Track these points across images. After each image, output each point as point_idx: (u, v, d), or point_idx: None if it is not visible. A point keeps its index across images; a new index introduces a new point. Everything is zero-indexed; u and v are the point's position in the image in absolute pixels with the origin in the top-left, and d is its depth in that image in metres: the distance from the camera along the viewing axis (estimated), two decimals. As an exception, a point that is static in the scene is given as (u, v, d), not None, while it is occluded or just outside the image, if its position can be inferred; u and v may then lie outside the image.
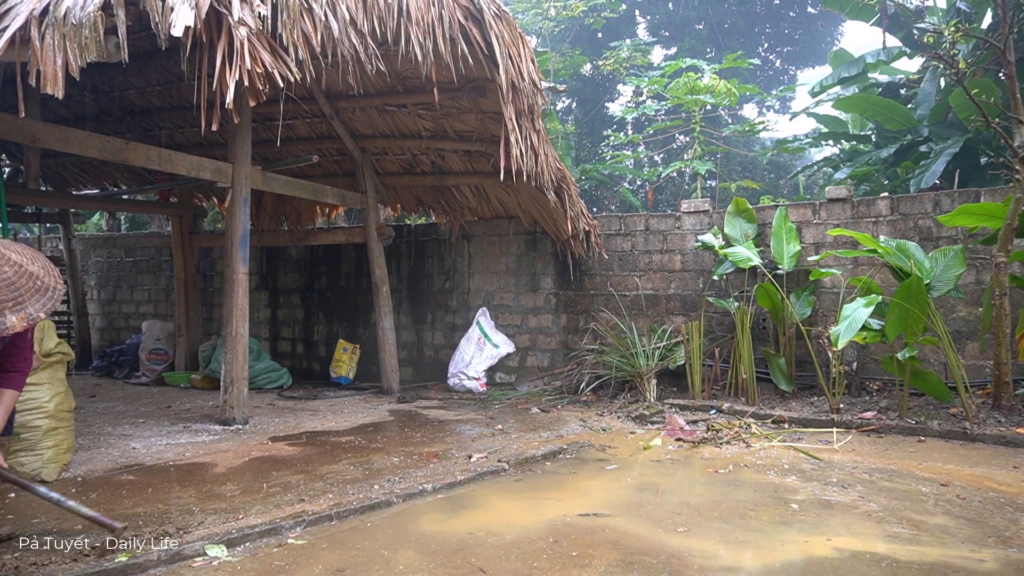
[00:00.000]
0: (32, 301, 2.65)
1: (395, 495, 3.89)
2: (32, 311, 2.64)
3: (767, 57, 17.93)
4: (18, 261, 2.68)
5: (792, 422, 5.89)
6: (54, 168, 9.30)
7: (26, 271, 2.67)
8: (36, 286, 2.69)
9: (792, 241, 6.78)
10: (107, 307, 11.05)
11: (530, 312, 8.21)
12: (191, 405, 6.96)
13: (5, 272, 2.60)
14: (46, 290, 2.73)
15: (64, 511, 3.00)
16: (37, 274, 2.72)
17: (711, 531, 3.45)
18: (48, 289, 2.74)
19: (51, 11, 3.43)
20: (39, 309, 2.66)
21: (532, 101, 6.11)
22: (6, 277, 2.59)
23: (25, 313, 2.61)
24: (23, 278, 2.65)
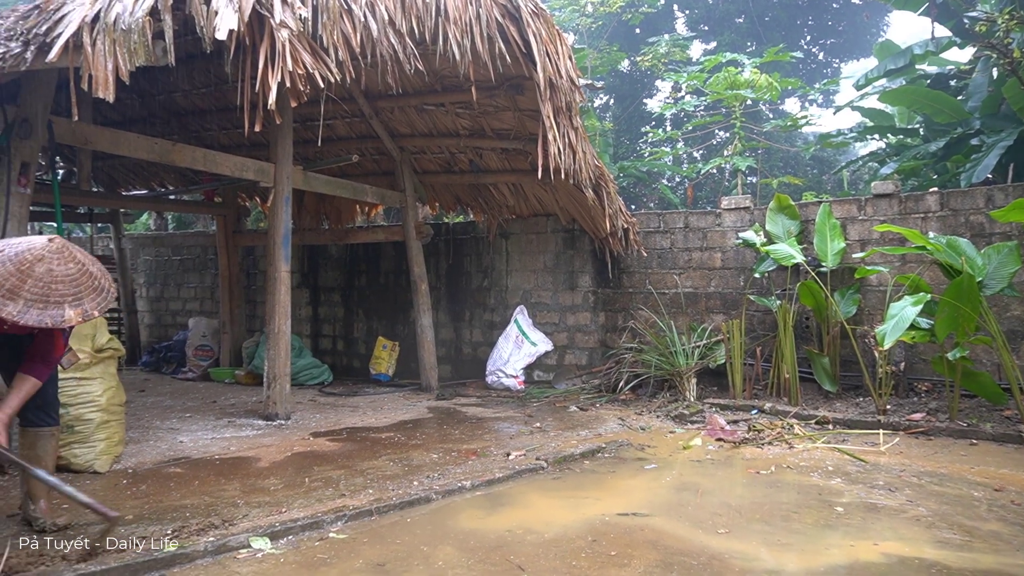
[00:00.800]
0: (89, 299, 2.79)
1: (434, 491, 3.92)
2: (88, 307, 2.76)
3: (810, 50, 17.54)
4: (82, 260, 2.84)
5: (836, 423, 5.76)
6: (105, 170, 9.60)
7: (87, 270, 2.83)
8: (94, 285, 2.83)
9: (836, 238, 6.63)
10: (155, 304, 11.37)
11: (568, 310, 8.19)
12: (235, 400, 7.11)
13: (70, 269, 2.76)
14: (102, 290, 2.87)
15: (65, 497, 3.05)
16: (95, 274, 2.86)
17: (753, 533, 3.39)
18: (104, 290, 2.88)
19: (102, 17, 3.54)
20: (94, 307, 2.79)
21: (570, 98, 6.08)
22: (70, 274, 2.75)
23: (82, 308, 2.74)
24: (84, 276, 2.80)
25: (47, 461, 3.30)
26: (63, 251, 2.78)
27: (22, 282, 2.63)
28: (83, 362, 4.28)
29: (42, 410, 3.27)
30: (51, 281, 2.69)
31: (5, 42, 3.54)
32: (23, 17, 3.75)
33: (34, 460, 3.25)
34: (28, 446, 3.27)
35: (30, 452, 3.26)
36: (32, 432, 3.28)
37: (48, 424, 3.31)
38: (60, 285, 2.71)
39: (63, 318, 2.69)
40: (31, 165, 4.38)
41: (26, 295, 2.64)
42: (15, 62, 3.45)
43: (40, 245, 2.75)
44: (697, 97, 12.36)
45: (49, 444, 3.33)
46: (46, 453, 3.31)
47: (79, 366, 4.25)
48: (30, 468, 3.00)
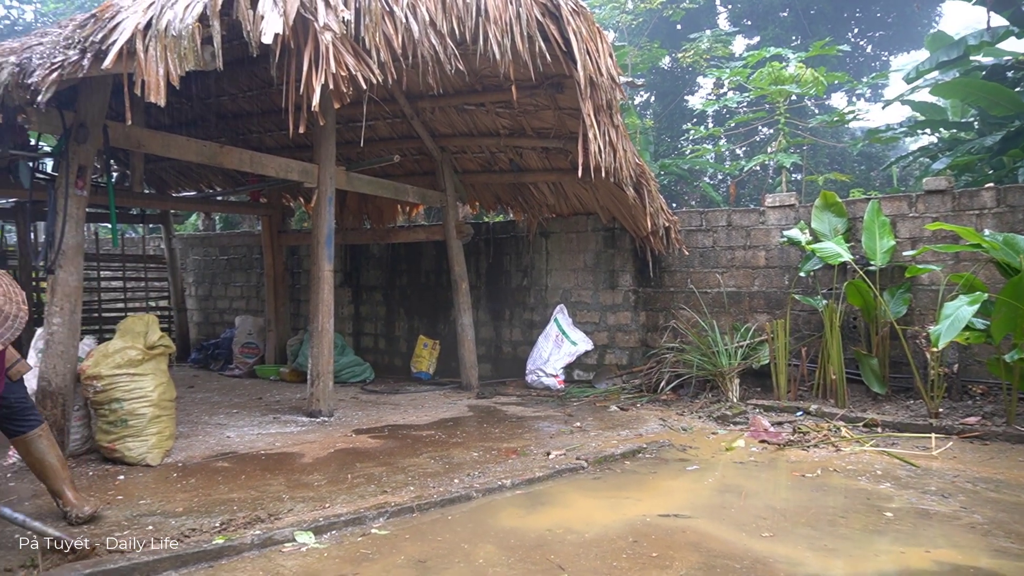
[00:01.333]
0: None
1: (474, 489, 3.94)
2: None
3: (857, 43, 17.07)
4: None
5: (886, 426, 5.61)
6: (156, 172, 9.88)
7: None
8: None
9: (886, 236, 6.45)
10: (203, 303, 11.67)
11: (608, 309, 8.14)
12: (280, 397, 7.26)
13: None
14: (5, 319, 2.71)
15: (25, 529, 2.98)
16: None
17: (798, 537, 3.32)
18: (8, 318, 2.72)
19: (154, 24, 3.64)
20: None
21: (610, 96, 6.04)
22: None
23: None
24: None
25: (49, 458, 3.34)
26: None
27: None
28: (136, 358, 4.43)
29: (14, 420, 3.27)
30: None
31: (64, 50, 3.67)
32: (80, 26, 3.88)
33: (37, 462, 3.31)
34: (26, 452, 3.31)
35: (31, 457, 3.31)
36: (21, 440, 3.29)
37: (30, 429, 3.30)
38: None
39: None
40: (87, 168, 4.53)
41: None
42: (73, 69, 3.57)
43: None
44: (740, 93, 12.16)
45: (43, 443, 3.33)
46: (44, 453, 3.33)
47: (133, 362, 4.39)
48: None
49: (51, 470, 3.35)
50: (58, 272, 4.40)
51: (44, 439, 3.35)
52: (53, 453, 3.37)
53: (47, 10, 18.06)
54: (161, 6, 3.73)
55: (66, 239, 4.41)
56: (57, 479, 3.36)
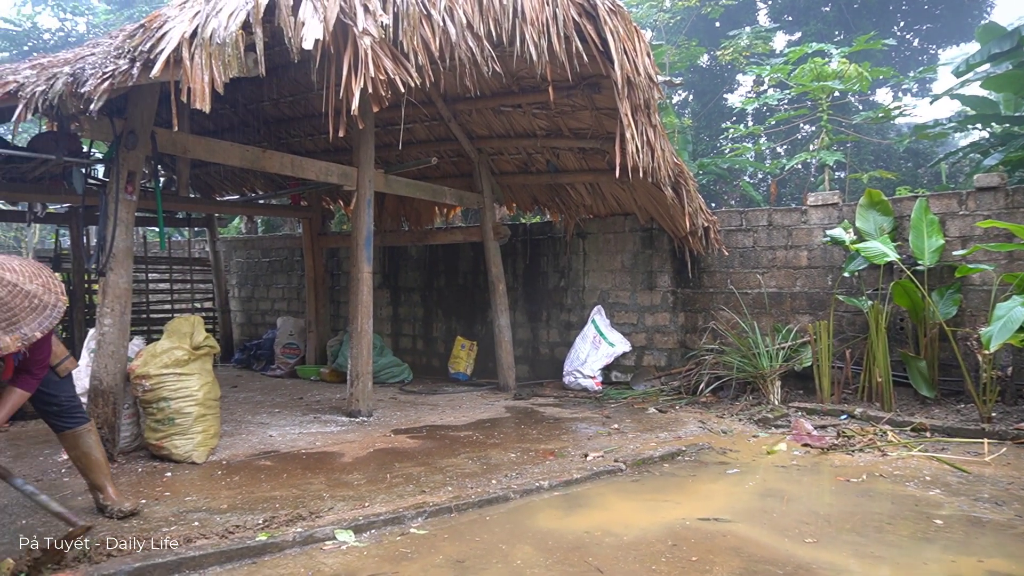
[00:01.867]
0: (27, 320, 2.69)
1: (512, 491, 3.94)
2: (27, 331, 2.67)
3: (903, 36, 16.62)
4: (12, 280, 2.71)
5: (935, 431, 5.44)
6: (200, 177, 10.13)
7: (21, 290, 2.71)
8: (32, 305, 2.72)
9: (934, 234, 6.26)
10: (246, 304, 11.92)
11: (647, 310, 8.07)
12: (320, 397, 7.37)
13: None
14: (43, 308, 2.75)
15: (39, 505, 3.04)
16: (34, 292, 2.75)
17: (842, 543, 3.25)
18: (47, 307, 2.76)
19: (199, 33, 3.74)
20: (35, 328, 2.69)
21: (648, 96, 5.99)
22: (0, 298, 2.64)
23: (20, 333, 2.65)
24: (18, 298, 2.69)
25: (94, 453, 3.46)
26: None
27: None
28: (182, 358, 4.54)
29: (62, 417, 3.38)
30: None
31: (115, 60, 3.79)
32: (130, 36, 4.00)
33: (83, 457, 3.43)
34: (72, 447, 3.43)
35: (76, 452, 3.43)
36: (68, 434, 3.41)
37: (77, 424, 3.41)
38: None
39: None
40: (136, 174, 4.67)
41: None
42: (123, 78, 3.69)
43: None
44: (781, 90, 11.93)
45: (89, 439, 3.45)
46: (90, 448, 3.45)
47: (179, 361, 4.51)
48: (9, 479, 2.99)
49: (95, 465, 3.47)
50: (109, 275, 4.54)
51: (91, 435, 3.47)
52: (98, 449, 3.50)
53: (98, 21, 18.68)
54: (206, 15, 3.83)
55: (116, 243, 4.55)
56: (100, 474, 3.48)
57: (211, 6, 3.91)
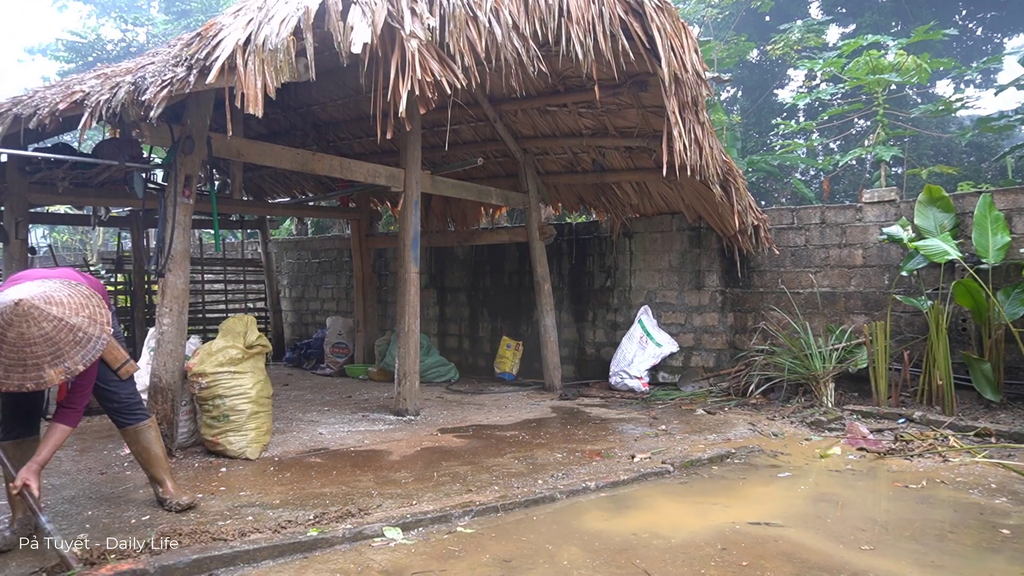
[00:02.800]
0: (71, 354, 2.76)
1: (558, 491, 3.93)
2: (69, 364, 2.75)
3: (965, 26, 15.97)
4: (58, 315, 2.76)
5: (1001, 436, 5.22)
6: (253, 180, 10.40)
7: (66, 324, 2.78)
8: (76, 339, 2.79)
9: (1000, 231, 6.00)
10: (297, 304, 12.19)
11: (694, 311, 7.96)
12: (368, 396, 7.49)
13: (44, 328, 2.71)
14: (87, 341, 2.82)
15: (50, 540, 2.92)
16: (79, 325, 2.81)
17: (901, 551, 3.14)
18: (90, 339, 2.83)
19: (253, 39, 3.84)
20: (78, 362, 2.77)
21: (696, 93, 5.90)
22: (44, 333, 2.71)
23: (63, 367, 2.73)
24: (63, 332, 2.76)
25: (155, 448, 3.59)
26: (30, 313, 2.71)
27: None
28: (236, 357, 4.67)
29: (123, 413, 3.49)
30: (24, 345, 2.67)
31: (173, 68, 3.92)
32: (187, 44, 4.14)
33: (143, 452, 3.55)
34: (133, 442, 3.55)
35: (136, 447, 3.55)
36: (129, 430, 3.53)
37: (137, 421, 3.52)
38: (34, 347, 2.68)
39: (43, 380, 2.69)
40: (193, 178, 4.82)
41: (4, 360, 2.65)
42: (181, 86, 3.81)
43: (8, 310, 2.70)
44: (834, 85, 11.61)
45: (150, 434, 3.57)
46: (151, 443, 3.57)
47: (233, 360, 4.64)
48: (37, 515, 2.97)
49: (155, 460, 3.60)
50: (168, 276, 4.70)
51: (151, 431, 3.61)
52: (158, 445, 3.63)
53: (157, 31, 19.35)
54: (259, 22, 3.93)
55: (175, 245, 4.71)
56: (159, 469, 3.61)
57: (263, 13, 4.01)
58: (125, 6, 21.97)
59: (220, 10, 16.85)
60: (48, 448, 3.05)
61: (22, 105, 4.67)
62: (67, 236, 19.37)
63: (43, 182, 6.50)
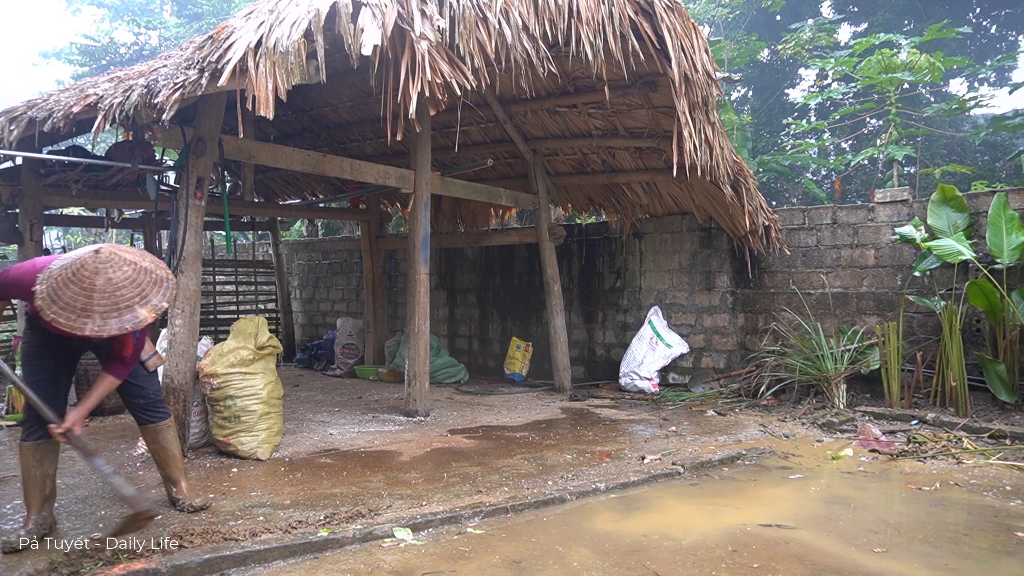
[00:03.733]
0: (154, 293, 2.87)
1: (568, 492, 3.93)
2: (156, 302, 2.86)
3: (980, 23, 15.82)
4: (132, 260, 2.89)
5: (1016, 438, 5.16)
6: (264, 182, 10.46)
7: (141, 267, 2.89)
8: (153, 279, 2.90)
9: (1015, 231, 5.95)
10: (307, 305, 12.23)
11: (705, 311, 7.93)
12: (379, 396, 7.50)
13: (126, 272, 2.82)
14: (161, 281, 2.93)
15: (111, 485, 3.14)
16: (151, 269, 2.93)
17: (914, 554, 3.12)
18: (163, 280, 2.94)
19: (264, 42, 3.86)
20: (161, 299, 2.88)
21: (706, 93, 5.88)
22: (128, 276, 2.82)
23: (151, 305, 2.84)
24: (141, 274, 2.87)
25: (173, 448, 3.63)
26: (113, 258, 2.83)
27: (90, 298, 2.73)
28: (247, 358, 4.69)
29: (148, 410, 3.53)
30: (114, 289, 2.77)
31: (185, 71, 3.95)
32: (199, 47, 4.16)
33: (161, 451, 3.60)
34: (152, 440, 3.59)
35: (156, 445, 3.59)
36: (151, 428, 3.58)
37: (160, 419, 3.57)
38: (123, 290, 2.79)
39: (139, 319, 2.79)
40: (205, 180, 4.85)
41: (98, 308, 2.73)
42: (193, 88, 3.84)
43: (91, 259, 2.80)
44: (846, 84, 11.54)
45: (169, 434, 3.62)
46: (169, 443, 3.62)
47: (244, 361, 4.66)
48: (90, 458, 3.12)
49: (172, 459, 3.64)
50: (180, 277, 4.73)
51: (171, 430, 3.66)
52: (175, 445, 3.67)
53: (170, 34, 19.49)
54: (270, 25, 3.95)
55: (187, 246, 4.74)
56: (175, 469, 3.64)
57: (274, 16, 4.04)
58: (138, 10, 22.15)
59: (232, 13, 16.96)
60: (95, 396, 3.19)
61: (37, 108, 4.72)
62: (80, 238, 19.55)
63: (57, 184, 6.57)
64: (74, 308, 2.72)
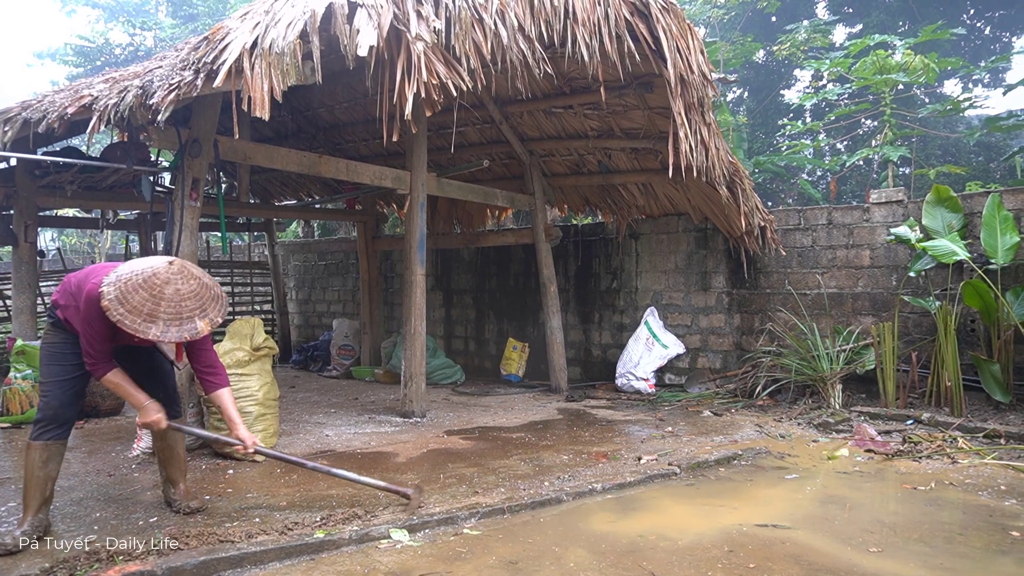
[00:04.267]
0: (212, 308, 3.06)
1: (565, 493, 3.93)
2: (213, 316, 3.04)
3: (974, 25, 15.88)
4: (198, 275, 3.09)
5: (1010, 437, 5.19)
6: (259, 183, 10.44)
7: (204, 283, 3.09)
8: (212, 295, 3.09)
9: (1008, 231, 5.97)
10: (303, 306, 12.22)
11: (701, 312, 7.94)
12: (375, 398, 7.49)
13: (192, 285, 3.02)
14: (219, 298, 3.12)
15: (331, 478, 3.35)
16: (211, 285, 3.12)
17: (910, 554, 3.12)
18: (219, 297, 3.13)
19: (259, 43, 3.86)
20: (217, 315, 3.07)
21: (702, 94, 5.89)
22: (193, 290, 3.01)
23: (208, 319, 3.03)
24: (204, 289, 3.07)
25: (179, 448, 3.65)
26: (183, 271, 3.03)
27: (157, 305, 2.91)
28: (243, 359, 4.69)
29: (166, 405, 3.49)
30: (180, 300, 2.96)
31: (180, 72, 3.94)
32: (195, 48, 4.16)
33: (167, 449, 3.59)
34: (161, 438, 3.58)
35: (164, 443, 3.58)
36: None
37: (174, 417, 3.56)
38: (188, 302, 2.98)
39: (197, 330, 2.98)
40: (200, 181, 4.84)
41: (163, 316, 2.91)
42: (188, 89, 3.83)
43: (164, 269, 2.99)
44: (841, 85, 11.58)
45: (177, 434, 3.62)
46: (176, 442, 3.63)
47: (240, 362, 4.65)
48: (325, 469, 3.40)
49: (177, 460, 3.63)
50: (175, 278, 4.71)
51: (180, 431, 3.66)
52: (181, 445, 3.69)
53: (165, 35, 19.45)
54: (266, 26, 3.95)
55: (182, 247, 4.73)
56: (178, 470, 3.64)
57: (270, 17, 4.03)
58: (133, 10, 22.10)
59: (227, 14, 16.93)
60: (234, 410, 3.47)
61: (31, 109, 4.71)
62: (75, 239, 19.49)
63: (52, 185, 6.55)
64: (141, 312, 2.89)
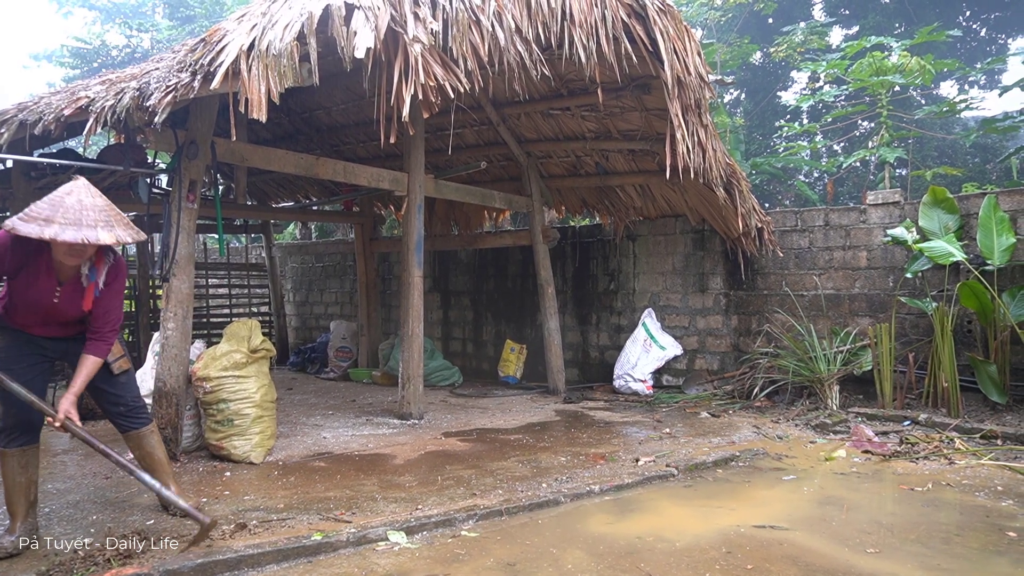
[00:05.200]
0: (120, 227, 2.94)
1: (563, 494, 3.93)
2: (120, 233, 2.91)
3: (970, 27, 15.93)
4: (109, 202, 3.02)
5: (1007, 438, 5.20)
6: (257, 185, 10.42)
7: (116, 210, 3.01)
8: (124, 221, 3.00)
9: (1005, 233, 5.98)
10: (301, 308, 12.20)
11: (698, 313, 7.95)
12: (372, 400, 7.49)
13: (98, 201, 2.94)
14: (131, 226, 3.03)
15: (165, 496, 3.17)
16: (127, 219, 3.04)
17: (907, 555, 3.13)
18: (132, 225, 3.04)
19: (256, 45, 3.85)
20: (127, 234, 2.93)
21: (699, 96, 5.90)
22: (99, 205, 2.93)
23: (114, 233, 2.88)
24: (113, 211, 2.98)
25: (158, 453, 3.55)
26: (90, 188, 2.97)
27: (54, 212, 2.81)
28: (241, 361, 4.68)
29: (128, 418, 3.46)
30: (81, 209, 2.86)
31: (177, 74, 3.94)
32: (192, 50, 4.15)
33: (147, 457, 3.51)
34: (136, 447, 3.51)
35: (140, 452, 3.51)
36: (134, 435, 3.49)
37: (142, 425, 3.50)
38: (91, 212, 2.88)
39: (96, 237, 2.82)
40: (197, 183, 4.83)
41: (60, 220, 2.80)
42: (185, 91, 3.82)
43: (68, 183, 2.96)
44: (837, 86, 11.61)
45: (153, 439, 3.54)
46: (154, 448, 3.54)
47: (238, 364, 4.65)
48: (116, 457, 3.09)
49: (159, 464, 3.56)
50: (172, 280, 4.71)
51: (154, 436, 3.58)
52: (160, 450, 3.59)
53: (162, 37, 19.42)
54: (263, 27, 3.94)
55: (179, 249, 4.72)
56: (162, 473, 3.57)
57: (267, 19, 4.03)
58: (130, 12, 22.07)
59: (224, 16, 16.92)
60: (82, 379, 3.15)
61: (28, 111, 4.70)
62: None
63: (48, 187, 6.50)
64: (37, 219, 2.78)
